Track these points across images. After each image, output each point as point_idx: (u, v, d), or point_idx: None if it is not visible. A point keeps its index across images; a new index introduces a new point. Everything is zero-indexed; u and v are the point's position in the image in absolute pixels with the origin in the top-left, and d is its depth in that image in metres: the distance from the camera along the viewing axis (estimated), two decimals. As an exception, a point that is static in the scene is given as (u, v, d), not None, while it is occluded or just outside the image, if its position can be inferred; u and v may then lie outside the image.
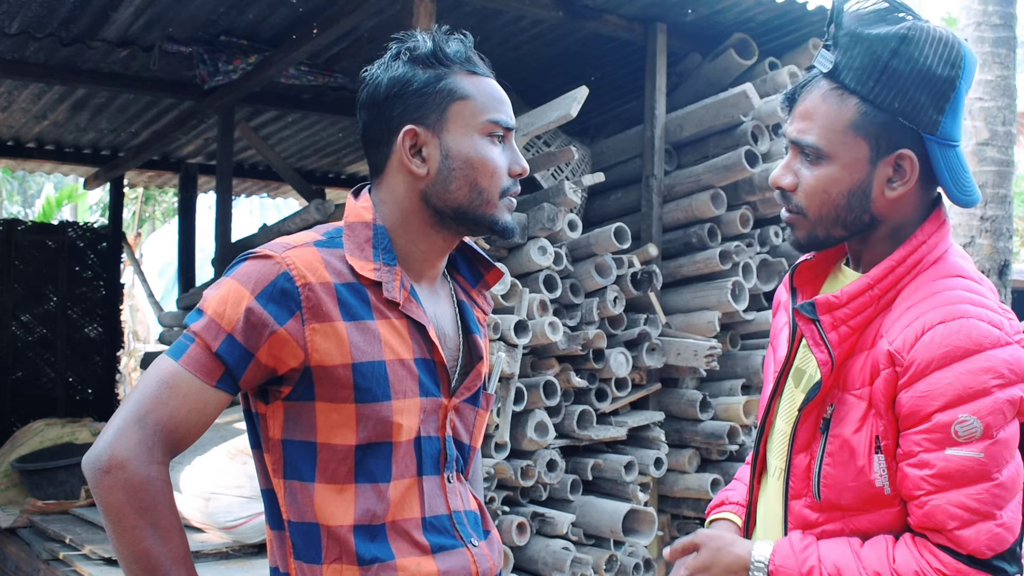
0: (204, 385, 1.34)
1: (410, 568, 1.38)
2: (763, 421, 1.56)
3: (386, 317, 1.41)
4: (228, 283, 1.36)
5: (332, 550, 1.37)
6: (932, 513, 1.31)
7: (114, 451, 1.30)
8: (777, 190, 1.48)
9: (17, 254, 7.88)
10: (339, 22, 4.47)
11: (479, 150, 1.43)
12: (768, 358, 1.64)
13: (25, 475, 5.10)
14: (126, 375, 11.19)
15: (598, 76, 5.47)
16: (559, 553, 3.88)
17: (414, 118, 1.43)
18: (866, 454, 1.37)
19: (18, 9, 4.73)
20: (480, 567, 1.46)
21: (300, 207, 7.16)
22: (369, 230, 1.44)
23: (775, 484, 1.52)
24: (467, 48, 1.47)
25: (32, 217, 15.25)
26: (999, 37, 7.41)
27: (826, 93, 1.41)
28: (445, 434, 1.46)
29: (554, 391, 4.06)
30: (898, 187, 1.40)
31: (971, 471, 1.29)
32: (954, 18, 12.77)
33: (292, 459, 1.39)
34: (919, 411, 1.31)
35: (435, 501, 1.44)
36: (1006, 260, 7.44)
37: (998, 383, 1.29)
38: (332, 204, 5.32)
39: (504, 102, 1.48)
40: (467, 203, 1.44)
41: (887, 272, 1.40)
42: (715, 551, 1.46)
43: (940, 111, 1.37)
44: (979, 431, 1.28)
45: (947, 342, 1.30)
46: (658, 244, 4.56)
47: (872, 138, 1.39)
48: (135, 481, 1.30)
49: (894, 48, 1.36)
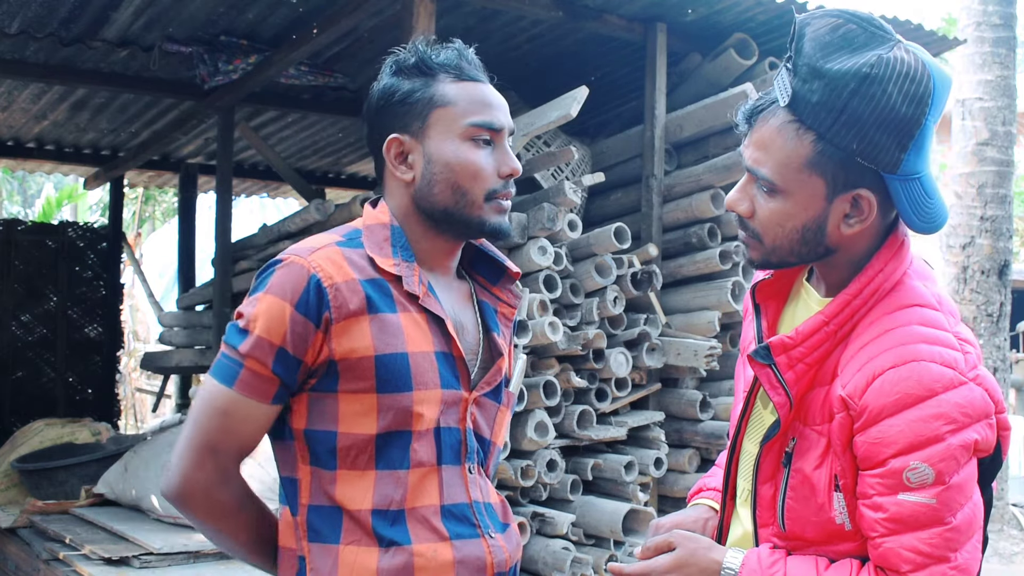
0: (261, 405, 1.41)
1: (426, 554, 1.42)
2: (733, 440, 1.55)
3: (407, 310, 1.46)
4: (267, 299, 1.40)
5: (351, 532, 1.42)
6: (886, 555, 1.30)
7: (195, 483, 1.42)
8: (734, 213, 1.45)
9: (17, 254, 7.88)
10: (339, 22, 4.47)
11: (459, 154, 1.48)
12: (739, 369, 1.63)
13: (25, 475, 5.10)
14: (126, 375, 11.19)
15: (598, 76, 5.47)
16: (559, 553, 3.88)
17: (399, 127, 1.51)
18: (825, 491, 1.36)
19: (18, 9, 4.73)
20: (495, 557, 1.49)
21: (300, 207, 7.16)
22: (387, 230, 1.51)
23: (743, 509, 1.52)
24: (459, 55, 1.52)
25: (32, 217, 15.25)
26: (999, 37, 7.41)
27: (782, 125, 1.34)
28: (466, 426, 1.50)
29: (554, 391, 4.06)
30: (855, 224, 1.36)
31: (923, 516, 1.28)
32: (954, 18, 12.77)
33: (315, 447, 1.44)
34: (873, 456, 1.30)
35: (454, 490, 1.48)
36: (1006, 260, 7.44)
37: (950, 428, 1.27)
38: (332, 204, 5.32)
39: (491, 105, 1.51)
40: (452, 205, 1.49)
41: (842, 307, 1.36)
42: (692, 552, 1.45)
43: (903, 149, 1.30)
44: (931, 478, 1.27)
45: (898, 388, 1.28)
46: (658, 244, 4.56)
47: (828, 175, 1.33)
48: (220, 503, 1.44)
49: (854, 89, 1.28)
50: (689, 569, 1.43)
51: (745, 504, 1.51)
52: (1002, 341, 7.44)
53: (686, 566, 1.44)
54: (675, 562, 1.45)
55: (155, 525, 4.18)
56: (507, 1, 4.33)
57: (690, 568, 1.43)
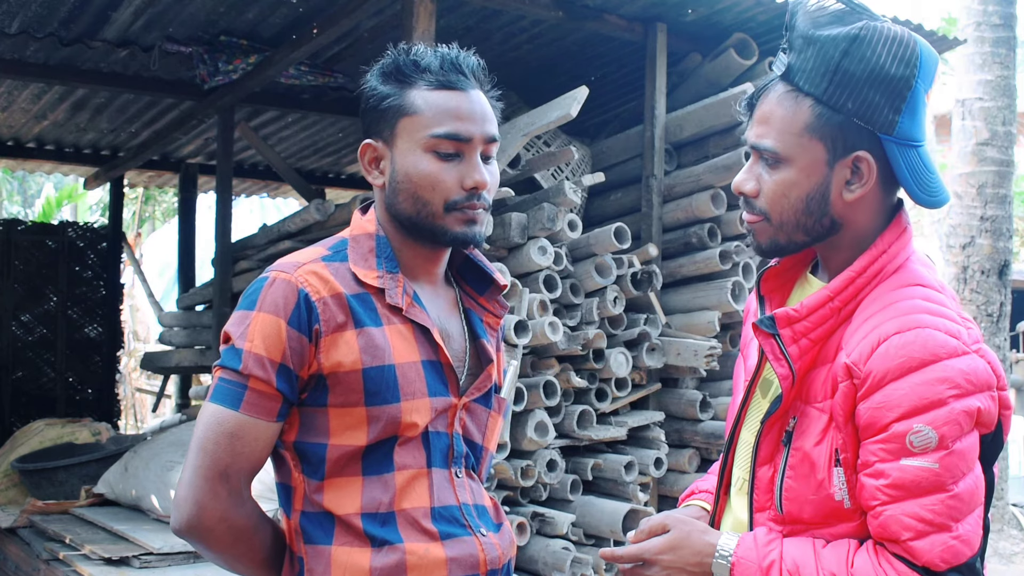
0: (269, 424, 1.42)
1: (418, 552, 1.43)
2: (731, 432, 1.55)
3: (392, 323, 1.47)
4: (260, 317, 1.41)
5: (343, 535, 1.44)
6: (887, 523, 1.30)
7: (211, 511, 1.41)
8: (740, 196, 1.47)
9: (17, 254, 7.88)
10: (339, 22, 4.47)
11: (418, 165, 1.47)
12: (738, 367, 1.64)
13: (25, 475, 5.10)
14: (126, 375, 11.19)
15: (598, 76, 5.47)
16: (559, 553, 3.88)
17: (373, 132, 1.53)
18: (826, 467, 1.36)
19: (18, 9, 4.73)
20: (488, 555, 1.50)
21: (300, 207, 7.16)
22: (372, 240, 1.52)
23: (738, 498, 1.52)
24: (441, 61, 1.49)
25: (32, 217, 15.25)
26: (999, 37, 7.41)
27: (781, 96, 1.41)
28: (453, 431, 1.51)
29: (554, 391, 4.06)
30: (856, 189, 1.40)
31: (925, 482, 1.28)
32: (954, 18, 12.76)
33: (305, 458, 1.46)
34: (876, 422, 1.30)
35: (443, 493, 1.49)
36: (1006, 260, 7.44)
37: (954, 393, 1.28)
38: (332, 204, 5.32)
39: (461, 116, 1.47)
40: (414, 215, 1.49)
41: (847, 283, 1.39)
42: (686, 534, 1.44)
43: (896, 111, 1.36)
44: (934, 441, 1.27)
45: (902, 353, 1.29)
46: (658, 244, 4.56)
47: (828, 140, 1.38)
48: (237, 528, 1.44)
49: (845, 49, 1.35)
50: (683, 551, 1.43)
51: (740, 492, 1.51)
52: (1002, 341, 7.44)
53: (680, 548, 1.43)
54: (668, 544, 1.44)
55: (155, 525, 4.18)
56: (507, 1, 4.33)
57: (683, 550, 1.43)
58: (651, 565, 1.45)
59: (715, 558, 1.40)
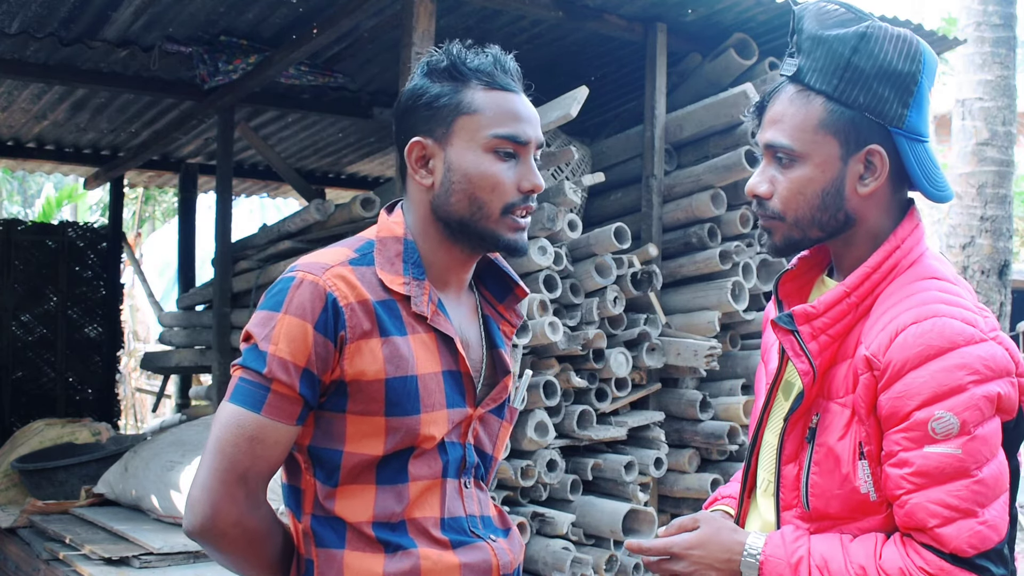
0: (289, 427, 1.39)
1: (432, 556, 1.42)
2: (755, 435, 1.56)
3: (416, 331, 1.45)
4: (287, 320, 1.37)
5: (355, 540, 1.42)
6: (913, 511, 1.31)
7: (228, 515, 1.38)
8: (754, 198, 1.49)
9: (17, 254, 7.88)
10: (339, 22, 4.47)
11: (479, 165, 1.45)
12: (760, 373, 1.65)
13: (25, 475, 5.10)
14: (126, 375, 11.19)
15: (598, 76, 5.47)
16: (559, 553, 3.88)
17: (423, 130, 1.47)
18: (850, 461, 1.37)
19: (18, 9, 4.73)
20: (501, 560, 1.49)
21: (300, 207, 7.16)
22: (399, 244, 1.48)
23: (764, 499, 1.53)
24: (493, 62, 1.48)
25: (32, 217, 15.25)
26: (999, 37, 7.41)
27: (793, 96, 1.44)
28: (466, 441, 1.50)
29: (554, 391, 4.06)
30: (870, 183, 1.43)
31: (950, 468, 1.29)
32: (954, 18, 12.76)
33: (319, 463, 1.44)
34: (898, 411, 1.32)
35: (453, 504, 1.48)
36: (1006, 260, 7.45)
37: (973, 379, 1.29)
38: (332, 204, 5.32)
39: (519, 117, 1.47)
40: (468, 216, 1.46)
41: (863, 279, 1.41)
42: (716, 530, 1.46)
43: (905, 104, 1.40)
44: (956, 427, 1.29)
45: (921, 342, 1.31)
46: (658, 244, 4.56)
47: (841, 135, 1.42)
48: (251, 531, 1.41)
49: (854, 46, 1.40)
50: (712, 547, 1.44)
51: (766, 494, 1.52)
52: (1002, 341, 7.44)
53: (709, 544, 1.45)
54: (698, 540, 1.46)
55: (155, 525, 4.18)
56: (507, 1, 4.33)
57: (713, 547, 1.44)
58: (679, 559, 1.46)
59: (744, 556, 1.41)
